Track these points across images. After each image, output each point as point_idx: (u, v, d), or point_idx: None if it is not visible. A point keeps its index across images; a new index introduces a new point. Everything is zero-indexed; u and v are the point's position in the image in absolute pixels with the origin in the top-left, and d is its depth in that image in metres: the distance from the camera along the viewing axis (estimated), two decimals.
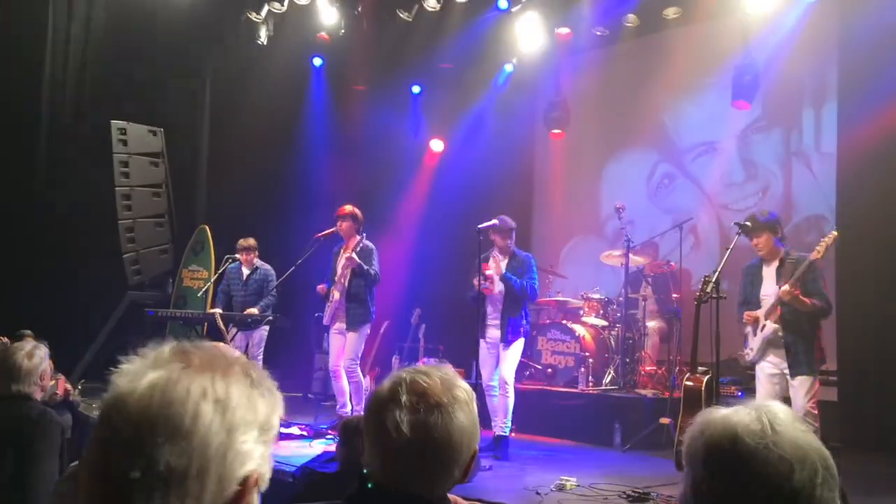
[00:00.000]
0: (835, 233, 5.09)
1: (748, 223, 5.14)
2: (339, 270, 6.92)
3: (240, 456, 0.96)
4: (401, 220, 9.73)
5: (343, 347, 6.87)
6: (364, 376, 7.38)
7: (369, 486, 1.48)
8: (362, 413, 5.87)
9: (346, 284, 6.82)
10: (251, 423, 0.98)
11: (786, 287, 4.85)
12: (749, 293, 5.30)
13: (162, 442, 0.91)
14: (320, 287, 7.04)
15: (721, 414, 1.18)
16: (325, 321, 7.05)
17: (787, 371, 5.07)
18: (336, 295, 6.86)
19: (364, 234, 6.83)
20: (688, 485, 1.16)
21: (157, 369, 0.96)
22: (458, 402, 1.49)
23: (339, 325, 6.93)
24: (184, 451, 0.92)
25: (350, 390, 6.88)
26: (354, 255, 6.65)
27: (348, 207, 7.10)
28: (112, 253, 8.89)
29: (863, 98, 7.17)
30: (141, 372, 0.96)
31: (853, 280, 7.20)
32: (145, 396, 0.93)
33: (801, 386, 5.01)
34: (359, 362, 6.93)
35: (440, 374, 1.53)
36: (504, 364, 6.22)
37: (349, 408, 6.81)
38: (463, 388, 1.54)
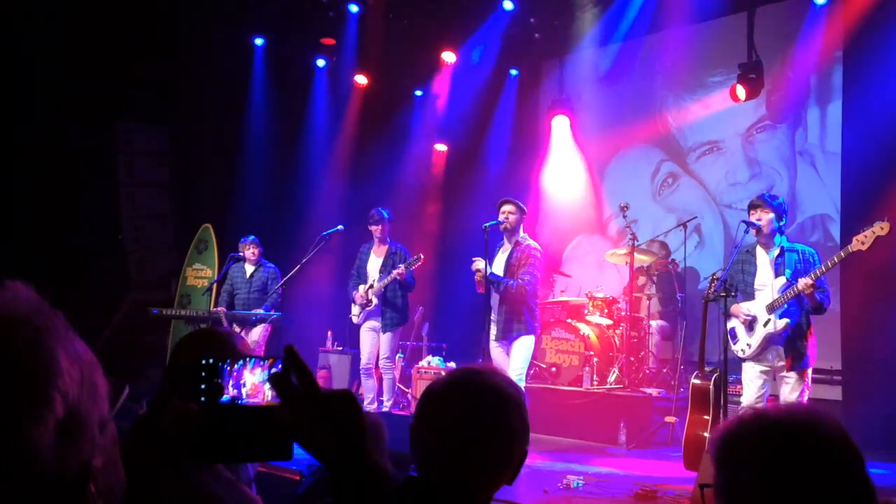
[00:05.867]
0: (888, 223, 4.54)
1: (754, 201, 5.06)
2: (374, 274, 6.97)
3: None
4: (404, 218, 9.71)
5: (376, 345, 6.97)
6: (370, 377, 7.39)
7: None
8: (379, 410, 5.86)
9: (384, 290, 6.91)
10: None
11: (808, 280, 4.68)
12: (738, 280, 5.07)
13: None
14: (359, 296, 7.07)
15: (766, 411, 1.19)
16: (358, 321, 7.11)
17: (779, 364, 4.92)
18: (374, 301, 6.92)
19: (419, 256, 6.88)
20: (724, 482, 1.15)
21: None
22: (511, 402, 1.49)
23: (373, 323, 6.99)
24: None
25: (384, 387, 7.13)
26: (403, 269, 6.73)
27: (382, 211, 7.16)
28: (116, 252, 8.90)
29: (868, 97, 7.17)
30: None
31: (858, 279, 7.19)
32: None
33: (796, 381, 4.87)
34: (393, 359, 7.06)
35: (493, 374, 1.52)
36: (509, 362, 6.08)
37: (375, 405, 6.93)
38: (515, 388, 1.53)
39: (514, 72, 9.97)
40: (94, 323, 8.63)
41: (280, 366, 1.07)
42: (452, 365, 7.88)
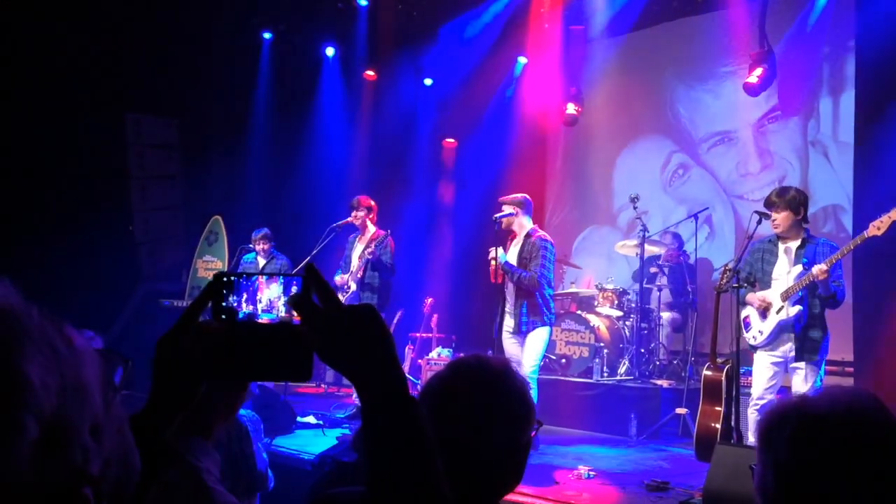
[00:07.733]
0: None
1: (770, 198, 5.00)
2: (355, 261, 6.94)
3: None
4: (413, 209, 9.71)
5: None
6: None
7: None
8: None
9: (361, 275, 6.86)
10: None
11: (822, 265, 4.64)
12: (758, 269, 5.05)
13: None
14: (338, 278, 7.08)
15: (808, 395, 1.19)
16: None
17: (791, 355, 4.89)
18: (353, 286, 6.90)
19: (387, 232, 6.83)
20: (770, 467, 1.15)
21: None
22: (512, 387, 1.42)
23: None
24: None
25: None
26: (374, 248, 6.68)
27: (362, 198, 7.13)
28: (127, 243, 8.93)
29: (880, 87, 7.10)
30: None
31: (870, 269, 7.14)
32: None
33: (808, 372, 4.83)
34: None
35: (492, 361, 1.45)
36: (522, 354, 5.98)
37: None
38: (516, 375, 1.46)
39: (522, 59, 9.90)
40: (106, 314, 8.67)
41: (298, 283, 1.05)
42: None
